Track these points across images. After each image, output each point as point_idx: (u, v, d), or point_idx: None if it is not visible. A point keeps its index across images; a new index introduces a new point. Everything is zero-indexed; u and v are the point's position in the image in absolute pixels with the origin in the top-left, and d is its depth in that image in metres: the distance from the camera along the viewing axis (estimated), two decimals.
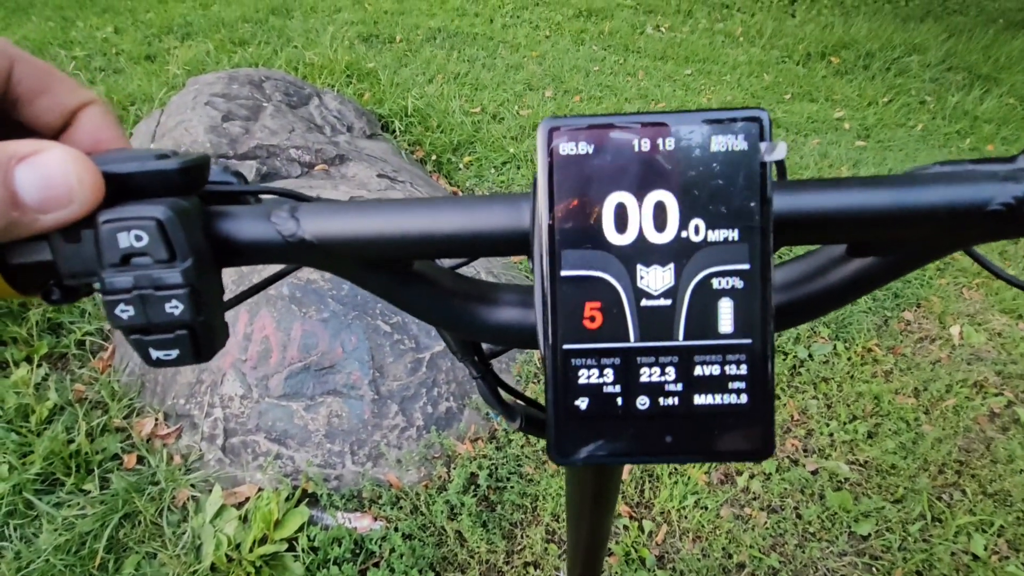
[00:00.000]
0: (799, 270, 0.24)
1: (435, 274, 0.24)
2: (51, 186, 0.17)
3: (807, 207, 0.19)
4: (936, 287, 2.09)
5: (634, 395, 0.18)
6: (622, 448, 0.19)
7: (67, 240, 0.19)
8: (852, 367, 1.79)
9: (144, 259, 0.18)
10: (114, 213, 0.18)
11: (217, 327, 0.20)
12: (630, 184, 0.18)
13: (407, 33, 3.91)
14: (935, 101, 3.61)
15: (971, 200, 0.18)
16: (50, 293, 0.20)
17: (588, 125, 0.18)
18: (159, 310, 0.19)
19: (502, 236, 0.20)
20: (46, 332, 1.64)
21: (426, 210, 0.20)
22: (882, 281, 0.22)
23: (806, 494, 1.44)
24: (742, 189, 0.18)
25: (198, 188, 0.21)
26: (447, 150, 2.67)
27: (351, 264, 0.22)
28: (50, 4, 4.19)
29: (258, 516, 1.23)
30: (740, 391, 0.18)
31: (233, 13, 3.98)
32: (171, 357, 0.20)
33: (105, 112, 0.22)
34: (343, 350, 1.45)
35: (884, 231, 0.19)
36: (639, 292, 0.18)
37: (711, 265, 0.18)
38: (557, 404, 0.18)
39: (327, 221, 0.20)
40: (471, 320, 0.24)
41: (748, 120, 0.18)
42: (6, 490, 1.23)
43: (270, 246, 0.20)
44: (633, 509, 1.40)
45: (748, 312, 0.18)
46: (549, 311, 0.18)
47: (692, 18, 4.77)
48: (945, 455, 1.53)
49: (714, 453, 0.19)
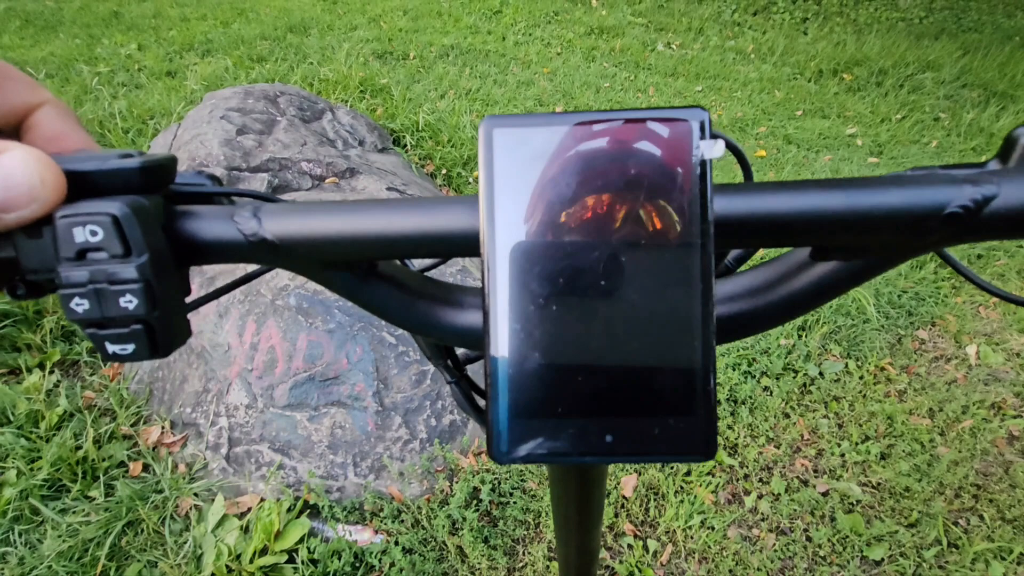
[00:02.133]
0: (765, 275, 0.23)
1: (399, 275, 0.24)
2: (13, 186, 0.18)
3: (764, 209, 0.19)
4: (951, 305, 2.05)
5: (574, 396, 0.18)
6: (562, 448, 0.18)
7: (29, 236, 0.19)
8: (864, 386, 1.75)
9: (100, 254, 0.19)
10: (71, 209, 0.19)
11: (175, 324, 0.21)
12: (570, 183, 0.18)
13: (420, 50, 3.98)
14: (950, 118, 3.58)
15: (928, 203, 0.18)
16: (15, 288, 0.20)
17: (527, 123, 0.18)
18: (114, 304, 0.19)
19: (457, 237, 0.20)
20: (59, 339, 1.66)
21: (385, 211, 0.20)
22: (848, 285, 0.22)
23: (816, 516, 1.41)
24: (682, 188, 0.17)
25: (161, 188, 0.21)
26: (457, 164, 2.70)
27: (312, 264, 0.22)
28: (78, 22, 4.34)
29: (259, 527, 1.22)
30: (681, 393, 0.18)
31: (252, 31, 4.09)
32: (127, 352, 0.20)
33: (64, 111, 0.22)
34: (348, 361, 1.45)
35: (843, 234, 0.19)
36: (578, 293, 0.18)
37: (652, 267, 0.18)
38: (496, 405, 0.18)
39: (288, 221, 0.20)
40: (432, 322, 0.24)
41: (687, 119, 0.17)
42: (13, 495, 1.25)
43: (232, 245, 0.21)
44: (638, 528, 1.37)
45: (689, 315, 0.18)
46: (490, 312, 0.18)
47: (703, 35, 4.80)
48: (962, 478, 1.48)
49: (655, 453, 0.18)
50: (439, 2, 5.05)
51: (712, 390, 0.18)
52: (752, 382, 1.72)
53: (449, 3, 5.03)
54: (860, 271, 0.22)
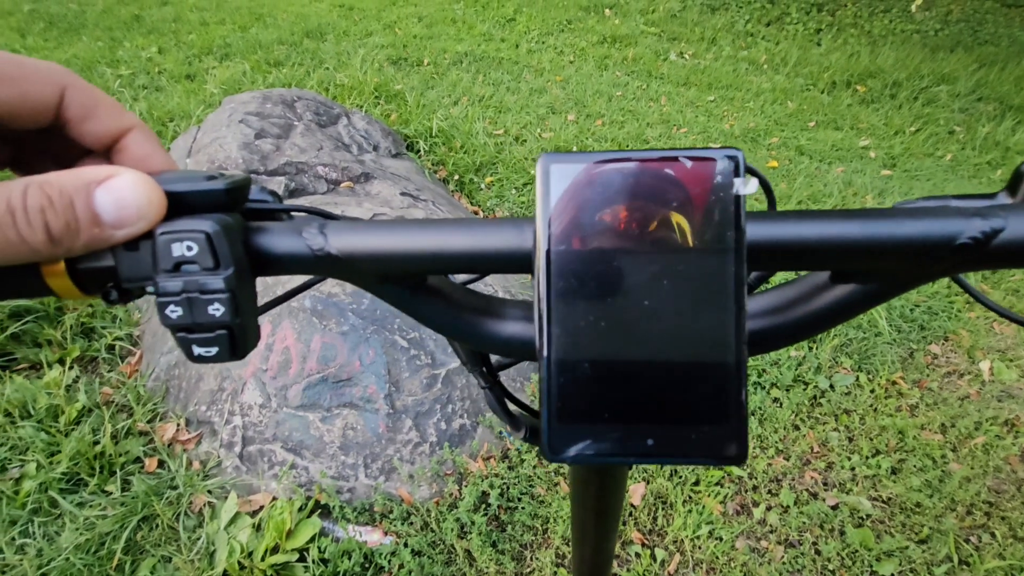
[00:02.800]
0: (787, 295, 0.25)
1: (447, 288, 0.26)
2: (124, 206, 0.20)
3: (790, 236, 0.21)
4: (965, 320, 2.03)
5: (620, 402, 0.20)
6: (608, 449, 0.20)
7: (127, 249, 0.21)
8: (875, 400, 1.74)
9: (193, 267, 0.21)
10: (170, 226, 0.21)
11: (251, 329, 0.23)
12: (617, 213, 0.20)
13: (435, 57, 4.03)
14: (965, 131, 3.56)
15: (941, 234, 0.20)
16: (108, 294, 0.22)
17: (582, 160, 0.20)
18: (203, 311, 0.21)
19: (507, 255, 0.22)
20: (79, 336, 1.70)
21: (440, 230, 0.23)
22: (865, 306, 0.24)
23: (825, 529, 1.40)
24: (720, 218, 0.19)
25: (240, 206, 0.23)
26: (470, 170, 2.73)
27: (371, 277, 0.24)
28: (100, 25, 4.44)
29: (271, 525, 1.24)
30: (716, 403, 0.20)
31: (270, 36, 4.16)
32: (211, 354, 0.22)
33: (149, 135, 0.24)
34: (361, 363, 1.47)
35: (860, 260, 0.21)
36: (625, 309, 0.20)
37: (693, 287, 0.19)
38: (550, 408, 0.20)
39: (351, 237, 0.23)
40: (478, 332, 0.26)
41: (726, 158, 0.19)
42: (33, 488, 1.28)
43: (300, 259, 0.23)
44: (645, 536, 1.37)
45: (724, 331, 0.19)
46: (545, 323, 0.20)
47: (716, 46, 4.81)
48: (974, 495, 1.47)
49: (691, 456, 0.20)
50: (453, 9, 5.11)
51: (744, 399, 0.20)
52: (762, 393, 1.72)
53: (463, 11, 5.09)
54: (877, 294, 0.23)
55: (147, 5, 4.97)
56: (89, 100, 0.23)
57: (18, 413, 1.43)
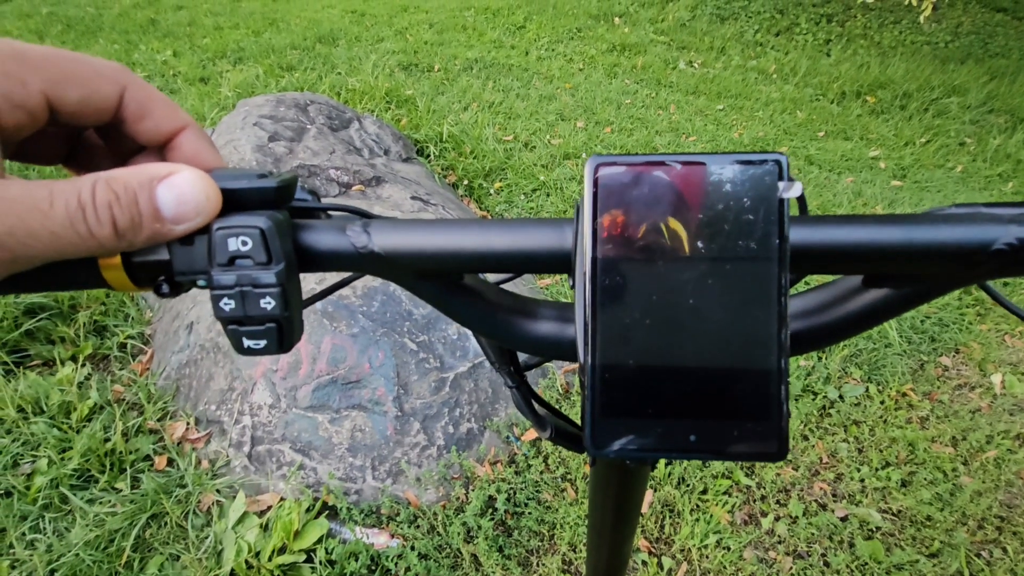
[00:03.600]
0: (820, 298, 0.25)
1: (482, 288, 0.27)
2: (184, 202, 0.21)
3: (827, 240, 0.21)
4: (976, 333, 2.02)
5: (664, 399, 0.20)
6: (651, 444, 0.21)
7: (182, 243, 0.22)
8: (885, 411, 1.73)
9: (246, 261, 0.22)
10: (226, 222, 0.22)
11: (297, 323, 0.24)
12: (663, 215, 0.20)
13: (445, 63, 4.06)
14: (975, 143, 3.54)
15: (978, 240, 0.20)
16: (160, 287, 0.23)
17: (629, 163, 0.21)
18: (255, 305, 0.22)
19: (546, 255, 0.23)
20: (92, 334, 1.72)
21: (479, 229, 0.23)
22: (896, 311, 0.24)
23: (834, 541, 1.39)
24: (763, 222, 0.20)
25: (287, 203, 0.24)
26: (479, 175, 2.74)
27: (410, 274, 0.25)
28: (116, 28, 4.50)
29: (279, 525, 1.24)
30: (758, 402, 0.20)
31: (283, 40, 4.20)
32: (260, 346, 0.23)
33: (201, 134, 0.25)
34: (370, 365, 1.48)
35: (896, 264, 0.21)
36: (666, 307, 0.20)
37: (736, 289, 0.20)
38: (594, 404, 0.20)
39: (393, 236, 0.23)
40: (512, 331, 0.27)
41: (770, 162, 0.20)
42: (44, 483, 1.29)
43: (344, 256, 0.23)
44: (652, 544, 1.37)
45: (767, 332, 0.20)
46: (589, 322, 0.20)
47: (725, 55, 4.83)
48: (985, 509, 1.45)
49: (732, 453, 0.20)
50: (464, 16, 5.15)
51: (785, 401, 0.20)
52: None
53: (474, 18, 5.13)
54: (910, 298, 0.24)
55: (163, 9, 5.04)
56: (147, 98, 0.24)
57: (31, 409, 1.45)
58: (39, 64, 0.21)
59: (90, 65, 0.22)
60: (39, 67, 0.21)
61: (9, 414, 1.42)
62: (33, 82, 0.20)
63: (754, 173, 0.20)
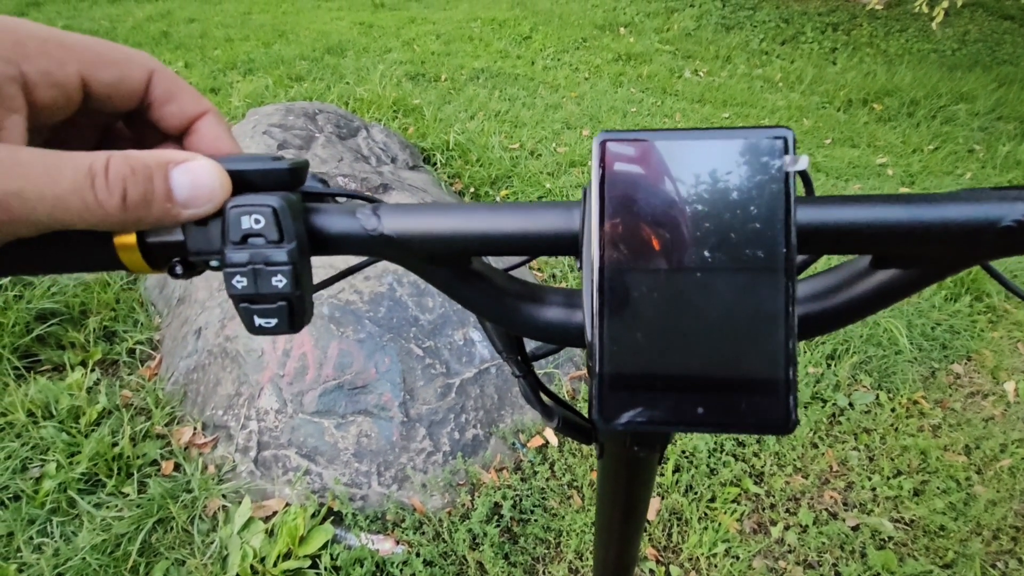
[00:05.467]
0: (828, 281, 0.25)
1: (490, 273, 0.27)
2: (198, 186, 0.22)
3: (834, 219, 0.21)
4: (988, 340, 1.99)
5: (672, 372, 0.20)
6: (659, 417, 0.21)
7: (197, 224, 0.23)
8: (896, 419, 1.71)
9: (259, 239, 0.22)
10: (240, 200, 0.22)
11: (308, 303, 0.24)
12: (671, 194, 0.20)
13: (452, 73, 4.10)
14: (984, 150, 3.52)
15: (985, 217, 0.20)
16: (174, 268, 0.24)
17: (639, 139, 0.21)
18: (267, 282, 0.22)
19: (554, 237, 0.23)
20: (101, 339, 1.73)
21: (488, 212, 0.23)
22: (904, 293, 0.24)
23: (846, 551, 1.37)
24: (770, 197, 0.20)
25: (299, 186, 0.25)
26: (485, 183, 2.75)
27: (419, 258, 0.25)
28: (130, 40, 4.59)
29: (284, 531, 1.24)
30: (765, 373, 0.20)
31: (292, 51, 4.26)
32: (271, 325, 0.23)
33: (219, 119, 0.26)
34: (376, 371, 1.48)
35: (905, 244, 0.21)
36: (672, 284, 0.20)
37: (741, 263, 0.20)
38: (602, 377, 0.21)
39: (403, 219, 0.24)
40: (520, 316, 0.27)
41: (776, 137, 0.20)
42: (52, 487, 1.29)
43: (354, 238, 0.24)
44: (660, 553, 1.35)
45: (775, 310, 0.20)
46: (596, 301, 0.20)
47: (731, 63, 4.84)
48: (1000, 519, 1.43)
49: (740, 425, 0.20)
50: (471, 27, 5.21)
51: (794, 372, 0.20)
52: None
53: (481, 28, 5.18)
54: (918, 279, 0.24)
55: (175, 22, 5.14)
56: (173, 85, 0.25)
57: (41, 414, 1.46)
58: (77, 47, 0.22)
59: (121, 50, 0.23)
60: (77, 50, 0.22)
61: (19, 418, 1.43)
62: (71, 63, 0.22)
63: (762, 147, 0.20)
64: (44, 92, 0.21)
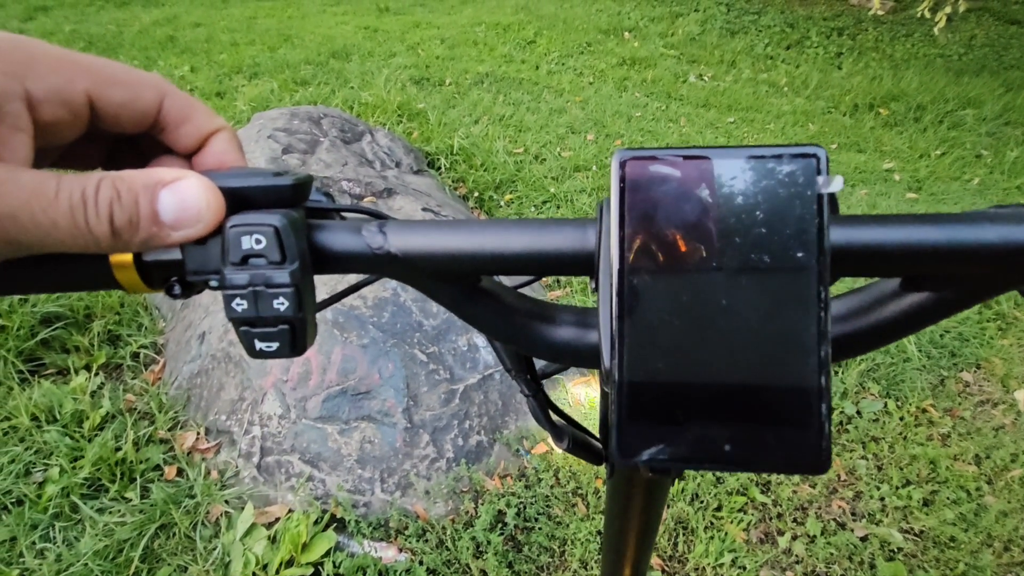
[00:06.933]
0: (855, 303, 0.24)
1: (500, 291, 0.26)
2: (185, 208, 0.21)
3: (865, 240, 0.20)
4: (998, 348, 1.97)
5: (696, 404, 0.19)
6: (683, 453, 0.19)
7: (196, 243, 0.22)
8: (905, 427, 1.69)
9: (260, 260, 0.21)
10: (240, 219, 0.21)
11: (311, 325, 0.23)
12: (696, 213, 0.19)
13: (456, 77, 4.11)
14: (992, 155, 3.50)
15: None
16: (172, 288, 0.23)
17: (658, 157, 0.20)
18: (268, 305, 0.21)
19: (568, 257, 0.22)
20: (105, 343, 1.73)
21: (498, 229, 0.22)
22: (937, 317, 0.23)
23: (854, 561, 1.35)
24: (801, 219, 0.19)
25: (302, 202, 0.24)
26: (489, 187, 2.75)
27: (427, 277, 0.24)
28: (136, 45, 4.62)
29: (287, 537, 1.23)
30: (796, 409, 0.19)
31: (297, 56, 4.28)
32: (272, 349, 0.22)
33: (231, 136, 0.25)
34: (380, 376, 1.47)
35: (938, 266, 0.20)
36: (698, 312, 0.19)
37: (772, 292, 0.19)
38: (621, 409, 0.19)
39: (410, 237, 0.23)
40: (530, 336, 0.26)
41: (808, 155, 0.19)
42: (55, 492, 1.29)
43: (359, 257, 0.23)
44: (666, 563, 1.34)
45: (806, 337, 0.19)
46: (615, 325, 0.19)
47: (735, 68, 4.83)
48: (1011, 531, 1.40)
49: (770, 464, 0.19)
50: (475, 32, 5.22)
51: (827, 408, 0.19)
52: None
53: (485, 33, 5.19)
54: (951, 303, 0.22)
55: (181, 26, 5.17)
56: (186, 106, 0.24)
57: (44, 418, 1.46)
58: (87, 66, 0.22)
59: (132, 72, 0.23)
60: (87, 69, 0.22)
61: (23, 422, 1.43)
62: (80, 81, 0.21)
63: (793, 167, 0.19)
64: (50, 110, 0.21)
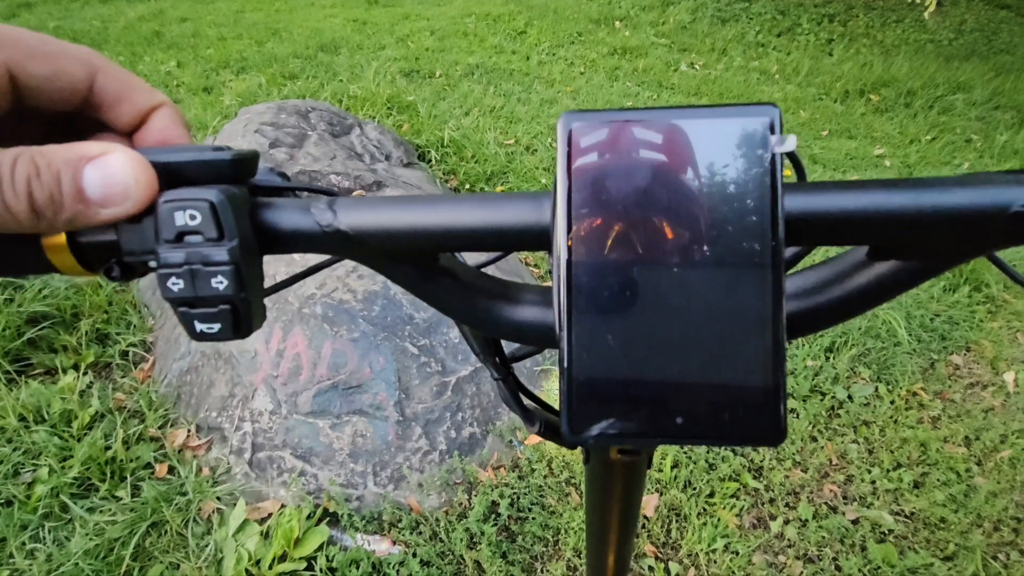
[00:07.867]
0: (822, 275, 0.23)
1: (459, 270, 0.25)
2: (112, 184, 0.20)
3: (829, 207, 0.19)
4: (987, 330, 1.98)
5: (647, 380, 0.18)
6: (634, 428, 0.19)
7: (130, 221, 0.21)
8: (896, 411, 1.70)
9: (196, 237, 0.20)
10: (173, 195, 0.20)
11: (256, 307, 0.22)
12: (641, 174, 0.18)
13: (446, 69, 4.07)
14: (982, 140, 3.51)
15: (993, 202, 0.18)
16: (111, 270, 0.22)
17: (608, 119, 0.19)
18: (206, 284, 0.20)
19: (523, 231, 0.21)
20: (94, 342, 1.71)
21: (453, 205, 0.22)
22: (905, 286, 0.22)
23: (846, 544, 1.36)
24: (754, 183, 0.18)
25: (247, 180, 0.23)
26: (480, 179, 2.73)
27: (381, 255, 0.23)
28: (122, 41, 4.55)
29: (279, 533, 1.23)
30: (752, 384, 0.18)
31: (285, 49, 4.23)
32: (213, 330, 0.21)
33: (174, 113, 0.24)
34: (371, 370, 1.46)
35: (906, 233, 0.19)
36: (649, 282, 0.18)
37: (725, 257, 0.18)
38: (571, 385, 0.19)
39: (361, 213, 0.22)
40: (492, 316, 0.25)
41: (759, 115, 0.18)
42: (45, 492, 1.28)
43: (308, 235, 0.22)
44: (659, 549, 1.34)
45: (762, 306, 0.18)
46: (564, 300, 0.19)
47: (727, 56, 4.82)
48: (1001, 511, 1.42)
49: (723, 437, 0.18)
50: (465, 23, 5.17)
51: (782, 378, 0.18)
52: None
53: (475, 24, 5.15)
54: (919, 271, 0.22)
55: (167, 21, 5.10)
56: (122, 82, 0.23)
57: (32, 418, 1.44)
58: (5, 38, 0.20)
59: (57, 44, 0.22)
60: (5, 41, 0.20)
61: (11, 423, 1.42)
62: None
63: (744, 127, 0.18)
64: None
